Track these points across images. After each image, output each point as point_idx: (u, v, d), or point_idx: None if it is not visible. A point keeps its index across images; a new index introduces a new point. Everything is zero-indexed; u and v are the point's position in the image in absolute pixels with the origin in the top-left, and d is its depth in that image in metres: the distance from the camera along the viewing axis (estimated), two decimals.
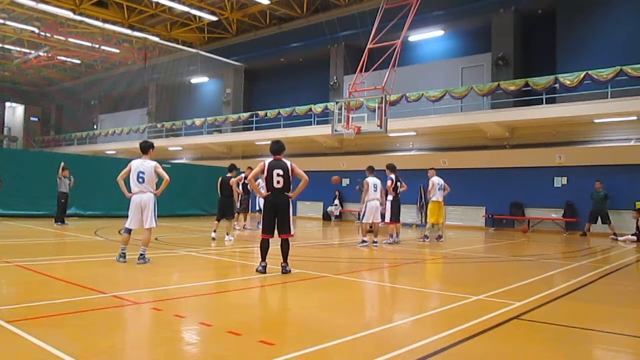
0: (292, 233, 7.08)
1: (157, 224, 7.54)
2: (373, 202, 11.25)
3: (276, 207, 6.95)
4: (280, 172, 6.90)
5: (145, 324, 4.54)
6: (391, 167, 12.23)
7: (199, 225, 16.46)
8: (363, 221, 11.39)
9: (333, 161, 23.31)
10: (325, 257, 9.73)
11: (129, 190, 7.45)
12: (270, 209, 6.98)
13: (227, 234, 11.55)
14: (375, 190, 11.26)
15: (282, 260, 7.04)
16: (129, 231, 7.47)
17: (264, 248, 7.00)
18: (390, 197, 12.08)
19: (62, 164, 14.83)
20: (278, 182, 6.90)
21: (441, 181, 12.93)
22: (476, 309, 5.18)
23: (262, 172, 6.99)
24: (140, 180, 7.33)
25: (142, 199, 7.34)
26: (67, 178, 14.77)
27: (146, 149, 7.54)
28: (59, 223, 14.47)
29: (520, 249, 12.56)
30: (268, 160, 7.06)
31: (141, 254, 7.43)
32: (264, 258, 6.99)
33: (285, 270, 6.96)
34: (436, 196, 12.74)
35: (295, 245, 10.86)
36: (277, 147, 7.13)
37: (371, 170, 11.54)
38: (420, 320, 4.77)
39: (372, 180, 11.32)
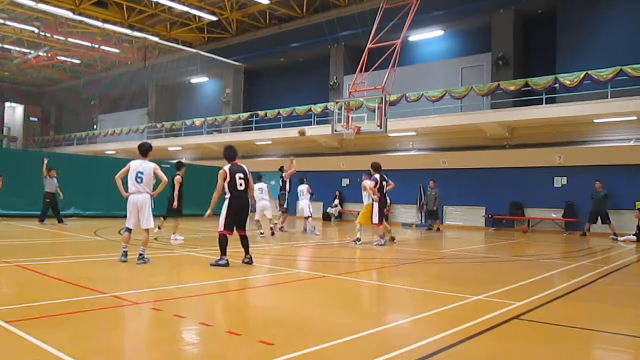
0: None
1: (155, 223, 7.67)
2: (261, 202, 13.13)
3: (243, 207, 7.59)
4: (242, 175, 7.54)
5: (145, 324, 4.53)
6: (376, 167, 11.66)
7: (199, 225, 16.44)
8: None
9: (333, 161, 23.31)
10: (325, 257, 9.72)
11: (126, 190, 7.53)
12: (236, 208, 7.52)
13: (174, 233, 11.16)
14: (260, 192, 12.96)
15: (244, 254, 7.64)
16: (129, 230, 7.54)
17: (225, 243, 7.47)
18: (376, 198, 11.40)
19: (46, 161, 14.51)
20: (241, 184, 7.48)
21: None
22: (476, 309, 5.17)
23: (225, 178, 7.47)
24: (139, 180, 7.41)
25: (139, 199, 7.42)
26: (54, 178, 14.54)
27: (145, 151, 7.63)
28: (42, 222, 14.29)
29: (520, 249, 12.56)
30: (227, 166, 7.58)
31: (140, 254, 7.46)
32: (224, 252, 7.41)
33: (249, 261, 7.56)
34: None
35: (295, 245, 10.87)
36: (233, 153, 7.73)
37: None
38: (420, 320, 4.77)
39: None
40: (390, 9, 17.30)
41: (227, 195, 7.51)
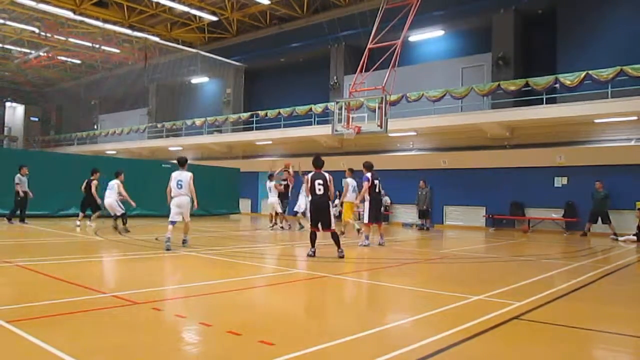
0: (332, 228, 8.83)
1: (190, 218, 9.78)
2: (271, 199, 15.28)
3: (321, 208, 8.83)
4: (321, 181, 8.74)
5: (145, 324, 4.53)
6: (368, 166, 11.35)
7: (199, 225, 16.45)
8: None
9: (333, 161, 23.16)
10: (325, 257, 9.72)
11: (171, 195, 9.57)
12: (315, 209, 8.88)
13: (90, 221, 13.72)
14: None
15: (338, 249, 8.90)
16: (173, 223, 9.47)
17: (313, 238, 8.90)
18: (367, 197, 11.19)
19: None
20: (319, 189, 8.71)
21: (355, 183, 12.93)
22: (476, 309, 5.17)
23: (307, 183, 8.87)
24: (179, 186, 9.55)
25: (181, 200, 9.57)
26: (26, 176, 14.42)
27: (183, 163, 9.80)
28: (22, 222, 14.16)
29: (521, 249, 12.56)
30: (310, 174, 8.89)
31: (184, 240, 9.92)
32: (312, 245, 8.82)
33: (339, 255, 8.72)
34: (349, 197, 12.88)
35: (295, 245, 10.87)
36: (318, 162, 9.02)
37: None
38: (420, 320, 4.77)
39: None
40: (390, 9, 17.28)
41: (309, 198, 8.96)
